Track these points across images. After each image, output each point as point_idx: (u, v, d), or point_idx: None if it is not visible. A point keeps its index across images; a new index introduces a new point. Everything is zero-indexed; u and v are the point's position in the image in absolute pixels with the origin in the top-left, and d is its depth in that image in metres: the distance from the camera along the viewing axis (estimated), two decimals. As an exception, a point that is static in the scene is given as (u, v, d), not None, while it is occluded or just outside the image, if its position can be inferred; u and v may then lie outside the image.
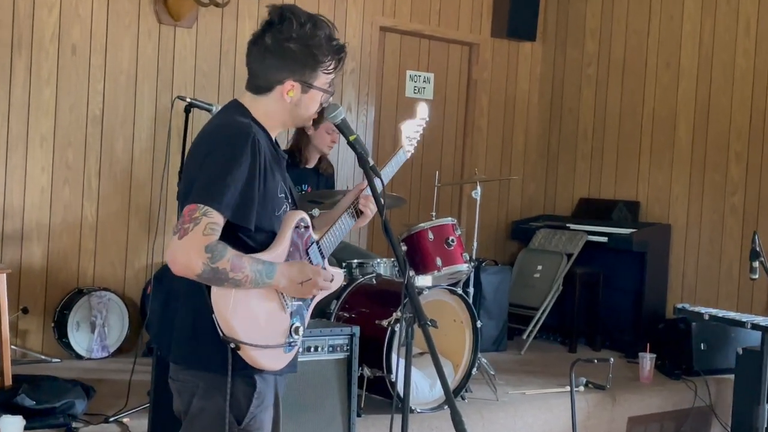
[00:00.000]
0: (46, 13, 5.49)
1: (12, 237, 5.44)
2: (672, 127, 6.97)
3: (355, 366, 4.23)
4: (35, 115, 5.49)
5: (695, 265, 6.79)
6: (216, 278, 2.22)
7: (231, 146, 2.29)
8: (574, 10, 7.72)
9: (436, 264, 4.91)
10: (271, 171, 2.38)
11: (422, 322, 2.41)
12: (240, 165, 2.27)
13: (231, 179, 2.25)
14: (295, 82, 2.41)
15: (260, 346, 2.31)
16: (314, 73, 2.43)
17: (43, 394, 4.23)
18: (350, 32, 6.77)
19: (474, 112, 7.63)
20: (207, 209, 2.22)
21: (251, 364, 2.33)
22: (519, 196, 7.96)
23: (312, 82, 2.43)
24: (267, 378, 2.40)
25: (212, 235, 2.21)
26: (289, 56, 2.39)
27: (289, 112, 2.45)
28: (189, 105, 4.64)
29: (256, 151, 2.31)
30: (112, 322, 5.58)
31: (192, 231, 2.20)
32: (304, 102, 2.45)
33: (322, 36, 2.41)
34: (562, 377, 5.35)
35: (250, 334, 2.30)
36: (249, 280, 2.27)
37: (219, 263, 2.21)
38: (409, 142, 2.96)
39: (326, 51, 2.42)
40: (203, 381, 2.36)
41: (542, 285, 6.86)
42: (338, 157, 6.58)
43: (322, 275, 2.44)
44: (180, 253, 2.21)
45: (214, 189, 2.24)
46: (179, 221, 2.24)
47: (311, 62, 2.41)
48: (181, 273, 2.23)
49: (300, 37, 2.38)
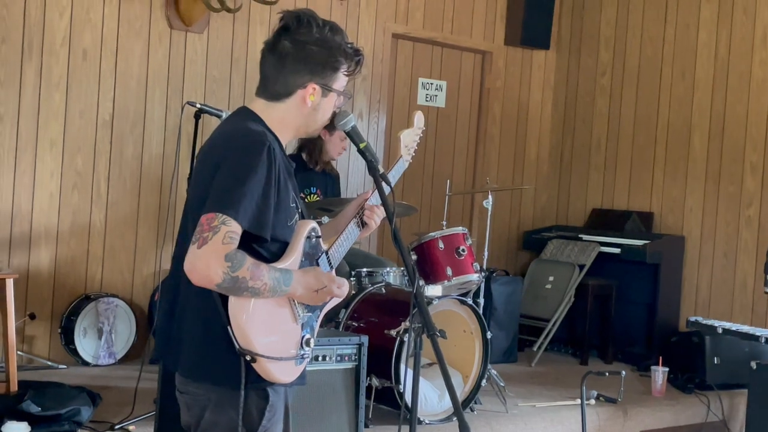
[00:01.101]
0: (57, 18, 5.47)
1: (20, 242, 5.42)
2: (687, 138, 6.91)
3: (364, 376, 4.20)
4: (45, 119, 5.47)
5: (709, 277, 6.72)
6: (236, 287, 2.19)
7: (248, 154, 2.26)
8: (588, 18, 7.67)
9: (446, 274, 4.87)
10: (285, 180, 2.35)
11: (431, 333, 2.37)
12: (257, 173, 2.24)
13: (248, 188, 2.22)
14: (316, 85, 2.39)
15: (275, 358, 2.28)
16: (335, 74, 2.42)
17: (49, 401, 4.20)
18: (362, 39, 6.74)
19: (486, 121, 7.59)
20: (225, 218, 2.19)
21: (264, 377, 2.29)
22: (531, 206, 7.90)
23: (332, 85, 2.42)
24: (278, 390, 2.38)
25: (231, 244, 2.18)
26: (311, 58, 2.37)
27: (306, 117, 2.43)
28: (199, 111, 4.62)
29: (272, 159, 2.28)
30: (120, 328, 5.55)
31: (211, 240, 2.16)
32: (323, 106, 2.43)
33: (339, 38, 2.42)
34: (573, 390, 5.32)
35: (266, 346, 2.27)
36: (268, 288, 2.23)
37: (239, 272, 2.17)
38: (407, 151, 2.97)
39: (345, 53, 2.42)
40: (215, 394, 2.32)
41: (554, 296, 6.80)
42: (348, 165, 6.55)
43: (336, 282, 2.41)
44: (200, 262, 2.16)
45: (232, 197, 2.21)
46: (197, 230, 2.20)
47: (333, 64, 2.40)
48: (200, 283, 2.19)
49: (321, 39, 2.38)
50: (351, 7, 6.67)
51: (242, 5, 5.86)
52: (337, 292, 2.42)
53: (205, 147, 2.44)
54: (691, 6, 6.91)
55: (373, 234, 6.90)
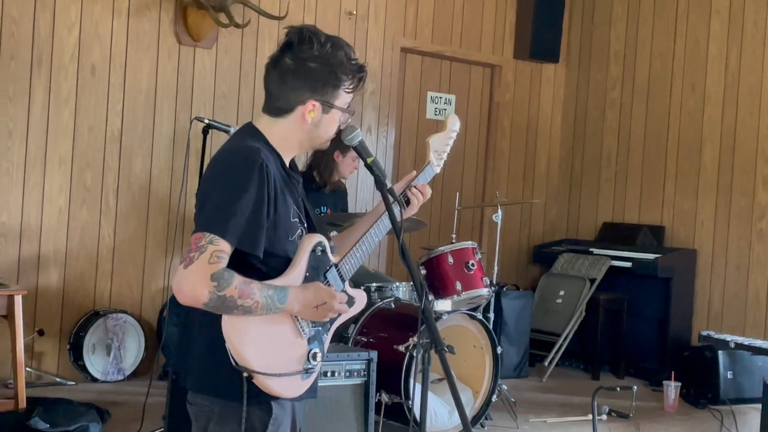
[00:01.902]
0: (66, 33, 5.48)
1: (29, 258, 5.42)
2: (698, 151, 6.88)
3: (373, 391, 4.16)
4: (54, 135, 5.48)
5: (721, 291, 6.67)
6: (224, 306, 2.18)
7: (237, 173, 2.26)
8: (598, 32, 7.65)
9: (455, 288, 4.84)
10: (282, 196, 2.33)
11: (438, 348, 2.34)
12: (247, 191, 2.23)
13: (237, 207, 2.21)
14: (316, 102, 2.38)
15: (274, 374, 2.26)
16: (336, 92, 2.40)
17: (58, 418, 4.20)
18: (371, 53, 6.74)
19: (496, 135, 7.57)
20: (213, 237, 2.19)
21: (267, 392, 2.28)
22: (541, 220, 7.87)
23: (333, 102, 2.40)
24: (284, 404, 2.35)
25: (218, 263, 2.17)
26: (311, 76, 2.36)
27: (308, 133, 2.42)
28: (207, 126, 4.63)
29: (264, 176, 2.26)
30: (128, 344, 5.54)
31: (197, 260, 2.16)
32: (324, 123, 2.41)
33: (342, 55, 2.39)
34: (585, 405, 5.28)
35: (264, 362, 2.25)
36: (260, 306, 2.22)
37: (226, 291, 2.16)
38: (438, 156, 2.83)
39: (347, 70, 2.40)
40: (218, 406, 2.32)
41: (565, 310, 6.76)
42: (357, 181, 6.53)
43: (338, 298, 2.39)
44: (185, 282, 2.17)
45: (219, 217, 2.21)
46: (186, 250, 2.21)
47: (333, 81, 2.38)
48: (187, 303, 2.19)
49: (321, 57, 2.36)
50: (360, 22, 6.67)
51: (250, 20, 5.87)
52: (339, 307, 2.39)
53: (207, 166, 2.44)
54: (700, 20, 6.89)
55: (383, 250, 6.88)
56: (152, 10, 5.77)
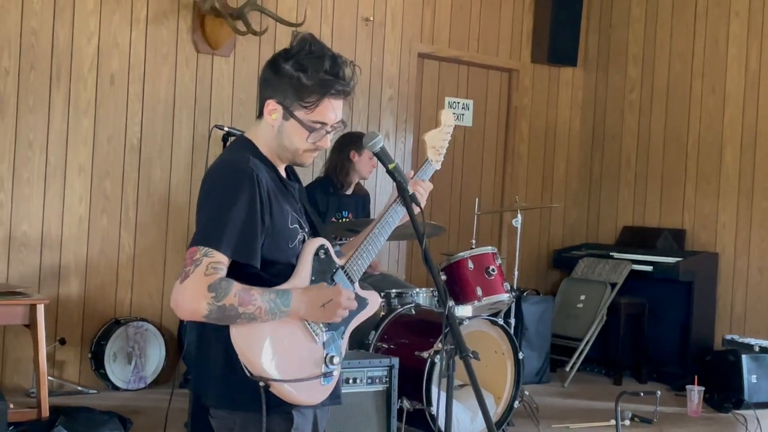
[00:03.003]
0: (85, 43, 5.51)
1: (50, 267, 5.44)
2: (718, 153, 6.83)
3: (395, 398, 4.14)
4: (74, 145, 5.50)
5: (744, 294, 6.61)
6: (226, 316, 2.16)
7: (228, 184, 2.24)
8: (616, 34, 7.62)
9: (476, 294, 4.82)
10: (277, 202, 2.31)
11: (464, 354, 2.32)
12: (238, 202, 2.21)
13: (229, 218, 2.20)
14: (277, 104, 2.33)
15: (291, 381, 2.24)
16: (293, 103, 2.32)
17: (80, 426, 4.20)
18: (388, 59, 6.73)
19: (514, 139, 7.55)
20: (207, 250, 2.17)
21: (286, 400, 2.26)
22: (561, 224, 7.83)
23: (293, 111, 2.32)
24: (305, 412, 2.33)
25: (215, 275, 2.16)
26: (279, 74, 2.31)
27: (274, 138, 2.36)
28: (227, 134, 4.62)
29: (254, 185, 2.24)
30: (149, 352, 5.54)
31: (193, 273, 2.15)
32: (286, 130, 2.34)
33: (320, 72, 2.29)
34: (608, 410, 5.24)
35: (279, 369, 2.23)
36: (263, 311, 2.20)
37: (225, 300, 2.14)
38: (435, 152, 2.76)
39: (314, 87, 2.29)
40: (239, 418, 2.30)
41: (586, 315, 6.72)
42: (376, 185, 6.52)
43: (344, 294, 2.33)
44: (182, 297, 2.16)
45: (212, 229, 2.20)
46: (182, 265, 2.20)
47: (295, 88, 2.30)
48: (187, 317, 2.18)
49: (297, 62, 2.29)
50: (377, 28, 6.67)
51: (267, 28, 5.88)
52: (347, 303, 2.34)
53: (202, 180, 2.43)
54: (720, 20, 6.85)
55: (402, 256, 6.87)
56: (170, 19, 5.79)
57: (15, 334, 5.28)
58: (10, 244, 5.32)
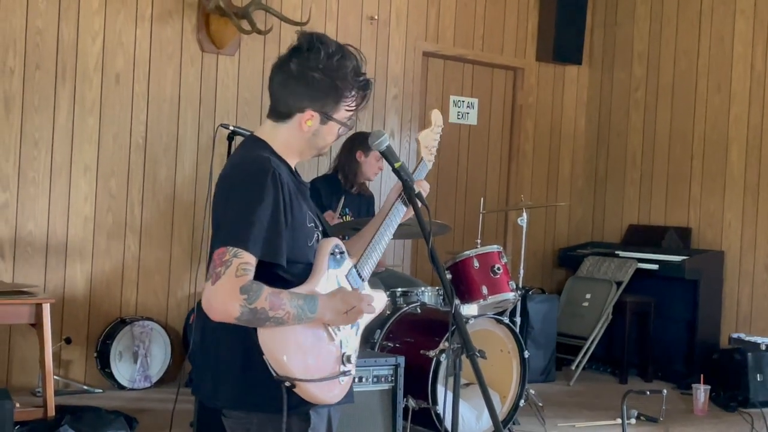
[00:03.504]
0: (90, 43, 5.51)
1: (55, 266, 5.44)
2: (724, 151, 6.81)
3: (400, 397, 4.14)
4: (79, 144, 5.50)
5: (750, 293, 6.60)
6: (256, 319, 2.16)
7: (252, 183, 2.24)
8: (621, 32, 7.60)
9: (482, 292, 4.81)
10: (297, 202, 2.32)
11: (470, 353, 2.32)
12: (263, 201, 2.21)
13: (256, 217, 2.19)
14: (314, 112, 2.35)
15: (315, 380, 2.25)
16: (336, 106, 2.36)
17: (86, 425, 4.20)
18: (393, 58, 6.73)
19: (519, 138, 7.54)
20: (236, 250, 2.16)
21: (308, 400, 2.26)
22: (566, 223, 7.82)
23: (332, 115, 2.36)
24: (320, 412, 2.35)
25: (246, 276, 2.15)
26: (313, 86, 2.33)
27: (306, 141, 2.39)
28: (232, 133, 4.61)
29: (277, 184, 2.24)
30: (155, 352, 5.55)
31: (225, 274, 2.14)
32: (322, 133, 2.39)
33: (348, 69, 2.35)
34: (613, 409, 5.24)
35: (304, 369, 2.23)
36: (291, 317, 2.20)
37: (256, 303, 2.14)
38: (429, 152, 2.85)
39: (351, 86, 2.36)
40: (256, 418, 2.29)
41: (591, 314, 6.71)
42: (381, 184, 6.52)
43: (365, 300, 2.36)
44: (215, 298, 2.14)
45: (240, 229, 2.18)
46: (210, 266, 2.18)
47: (334, 95, 2.34)
48: (219, 318, 2.16)
49: (326, 69, 2.32)
50: (381, 26, 6.66)
51: (272, 27, 5.88)
52: (368, 309, 2.37)
53: (217, 180, 2.41)
54: (725, 18, 6.83)
55: (407, 254, 6.86)
56: (175, 18, 5.79)
57: (21, 334, 5.29)
58: (15, 244, 5.32)
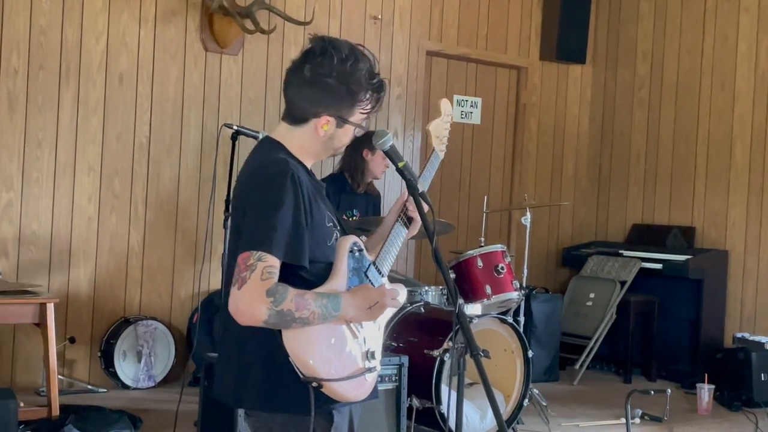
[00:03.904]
0: (94, 43, 5.51)
1: (59, 266, 5.45)
2: (728, 150, 6.80)
3: (404, 396, 4.14)
4: (83, 143, 5.51)
5: (754, 292, 6.59)
6: (283, 321, 2.17)
7: (271, 186, 2.25)
8: (624, 31, 7.59)
9: (485, 292, 4.81)
10: (315, 203, 2.33)
11: (474, 352, 2.32)
12: (284, 204, 2.22)
13: (277, 221, 2.20)
14: (330, 117, 2.36)
15: (342, 379, 2.26)
16: (351, 109, 2.38)
17: (91, 425, 4.21)
18: (396, 57, 6.72)
19: (523, 137, 7.53)
20: (261, 254, 2.17)
21: (335, 399, 2.27)
22: (570, 222, 7.82)
23: (348, 118, 2.38)
24: (343, 411, 2.36)
25: (271, 279, 2.16)
26: (327, 91, 2.34)
27: (322, 144, 2.41)
28: (236, 132, 4.62)
29: (297, 186, 2.26)
30: (159, 351, 5.55)
31: (250, 279, 2.15)
32: (338, 136, 2.40)
33: (362, 72, 2.35)
34: (617, 409, 5.24)
35: (330, 368, 2.25)
36: (317, 316, 2.21)
37: (283, 305, 2.15)
38: (440, 142, 2.82)
39: (365, 89, 2.37)
40: (280, 418, 2.30)
41: (595, 313, 6.70)
42: (385, 183, 6.52)
43: (387, 294, 2.39)
44: (242, 302, 2.15)
45: (263, 233, 2.19)
46: (235, 271, 2.19)
47: (349, 99, 2.36)
48: (247, 322, 2.18)
49: (340, 74, 2.33)
50: (385, 26, 6.66)
51: (276, 26, 5.88)
52: (392, 303, 2.40)
53: (236, 185, 2.43)
54: (729, 17, 6.82)
55: (411, 254, 6.86)
56: (178, 18, 5.79)
57: (25, 333, 5.30)
58: (19, 243, 5.33)
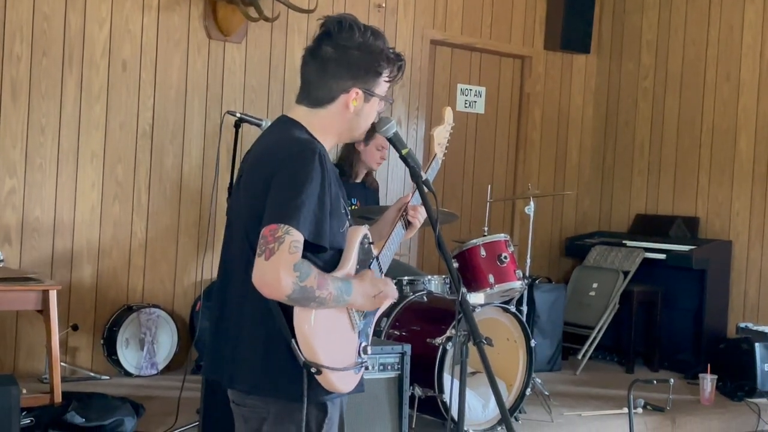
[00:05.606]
0: (97, 30, 5.50)
1: (62, 253, 5.45)
2: (732, 141, 6.78)
3: (406, 385, 4.14)
4: (86, 131, 5.50)
5: (758, 282, 6.58)
6: (304, 297, 2.15)
7: (300, 163, 2.23)
8: (629, 21, 7.57)
9: (488, 281, 4.81)
10: (336, 186, 2.32)
11: (477, 341, 2.33)
12: (312, 182, 2.20)
13: (305, 197, 2.18)
14: (359, 90, 2.36)
15: (340, 369, 2.26)
16: (377, 80, 2.39)
17: (93, 412, 4.21)
18: (401, 46, 6.70)
19: (527, 126, 7.52)
20: (288, 228, 2.15)
21: (328, 388, 2.26)
22: (573, 212, 7.81)
23: (374, 90, 2.39)
24: (335, 402, 2.35)
25: (297, 253, 2.14)
26: (354, 64, 2.35)
27: (348, 122, 2.40)
28: (239, 120, 4.61)
29: (324, 166, 2.25)
30: (161, 339, 5.56)
31: (278, 250, 2.12)
32: (365, 111, 2.40)
33: (381, 44, 2.39)
34: (620, 398, 5.24)
35: (330, 357, 2.23)
36: (332, 298, 2.20)
37: (307, 281, 2.14)
38: (441, 148, 2.91)
39: (387, 58, 2.40)
40: (274, 407, 2.29)
41: (598, 303, 6.70)
42: (388, 172, 6.51)
43: (390, 285, 2.42)
44: (269, 274, 2.12)
45: (291, 208, 2.17)
46: (261, 242, 2.15)
47: (375, 69, 2.37)
48: (271, 295, 2.15)
49: (363, 44, 2.35)
50: (389, 14, 6.64)
51: (280, 14, 5.85)
52: (394, 293, 2.42)
53: (250, 159, 2.39)
54: (734, 7, 6.79)
55: (414, 243, 6.86)
56: (182, 5, 5.78)
57: (28, 320, 5.31)
58: (22, 230, 5.33)
